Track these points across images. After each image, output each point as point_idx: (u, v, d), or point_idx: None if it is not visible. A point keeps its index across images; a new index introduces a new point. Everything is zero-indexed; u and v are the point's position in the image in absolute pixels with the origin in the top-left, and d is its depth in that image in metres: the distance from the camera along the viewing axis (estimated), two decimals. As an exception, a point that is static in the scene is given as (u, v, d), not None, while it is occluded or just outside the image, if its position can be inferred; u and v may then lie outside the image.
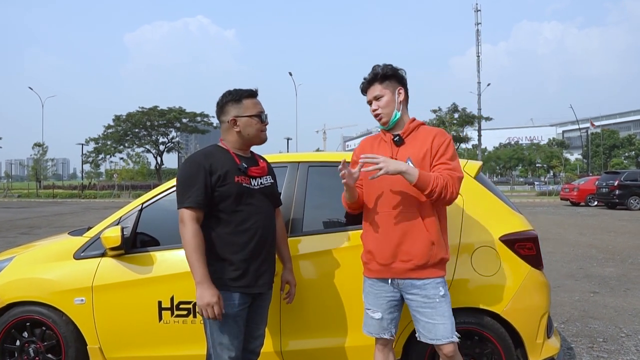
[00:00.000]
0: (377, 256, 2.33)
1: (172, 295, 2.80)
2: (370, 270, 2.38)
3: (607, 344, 4.09)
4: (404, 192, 2.27)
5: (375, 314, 2.37)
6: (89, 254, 2.96)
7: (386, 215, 2.30)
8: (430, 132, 2.34)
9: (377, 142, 2.45)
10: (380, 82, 2.38)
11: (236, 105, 2.35)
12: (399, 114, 2.37)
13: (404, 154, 2.31)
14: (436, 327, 2.24)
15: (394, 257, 2.28)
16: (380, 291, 2.36)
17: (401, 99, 2.38)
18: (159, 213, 3.01)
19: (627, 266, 7.69)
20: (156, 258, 2.87)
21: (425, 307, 2.26)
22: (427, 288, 2.26)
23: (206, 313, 2.13)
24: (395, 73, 2.39)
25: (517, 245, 2.77)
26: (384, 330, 2.37)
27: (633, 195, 20.66)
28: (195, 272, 2.15)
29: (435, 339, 2.24)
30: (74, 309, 2.90)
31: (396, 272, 2.29)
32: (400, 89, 2.38)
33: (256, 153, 2.54)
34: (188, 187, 2.22)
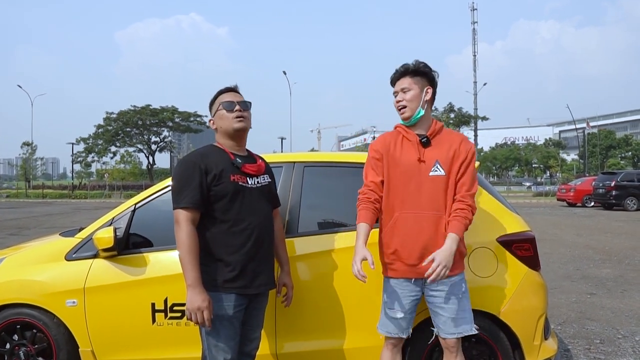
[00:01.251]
0: (403, 257, 2.34)
1: (166, 297, 2.79)
2: (395, 270, 2.39)
3: (604, 345, 4.12)
4: (432, 193, 2.32)
5: (397, 313, 2.39)
6: (81, 255, 2.94)
7: (412, 215, 2.33)
8: (456, 137, 2.42)
9: (400, 140, 2.44)
10: (411, 76, 2.39)
11: (213, 106, 2.43)
12: (423, 112, 2.39)
13: (431, 156, 2.34)
14: (458, 322, 2.32)
15: (420, 258, 2.30)
16: (405, 291, 2.38)
17: (427, 98, 2.40)
18: (152, 214, 3.00)
19: (624, 267, 7.74)
20: (149, 259, 2.87)
21: (450, 303, 2.32)
22: (452, 285, 2.32)
23: (195, 317, 2.12)
24: (427, 72, 2.41)
25: (515, 247, 2.78)
26: (403, 330, 2.40)
27: (630, 196, 20.82)
28: (187, 274, 2.15)
29: (456, 333, 2.32)
30: (66, 311, 2.89)
31: (420, 273, 2.32)
32: (429, 89, 2.40)
33: (254, 152, 2.54)
34: (183, 187, 2.22)
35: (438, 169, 2.32)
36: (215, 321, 2.20)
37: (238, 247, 2.26)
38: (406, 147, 2.39)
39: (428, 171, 2.33)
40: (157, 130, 55.12)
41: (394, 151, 2.40)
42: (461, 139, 2.42)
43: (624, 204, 20.74)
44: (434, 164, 2.33)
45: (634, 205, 20.70)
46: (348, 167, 3.05)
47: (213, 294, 2.21)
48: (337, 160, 3.11)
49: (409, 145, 2.39)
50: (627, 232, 12.52)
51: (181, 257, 2.17)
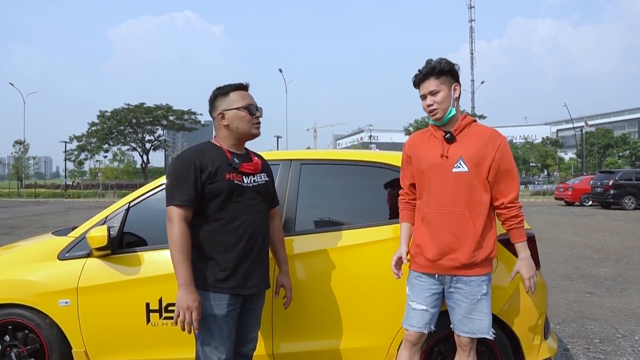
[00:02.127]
0: (425, 251, 2.35)
1: (161, 297, 2.77)
2: (417, 264, 2.40)
3: (604, 344, 4.12)
4: (455, 190, 2.31)
5: (419, 305, 2.38)
6: (74, 254, 2.92)
7: (436, 212, 2.33)
8: (484, 132, 2.38)
9: (427, 137, 2.45)
10: (437, 77, 2.36)
11: (224, 99, 2.34)
12: (454, 110, 2.37)
13: (455, 152, 2.33)
14: (473, 321, 2.32)
15: (441, 255, 2.31)
16: (425, 283, 2.39)
17: (457, 95, 2.39)
18: (147, 212, 2.98)
19: (623, 266, 7.77)
20: (144, 258, 2.84)
21: (466, 302, 2.32)
22: (471, 284, 2.32)
23: (183, 316, 2.10)
24: (451, 68, 2.39)
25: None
26: (426, 325, 2.39)
27: (627, 195, 20.90)
28: (178, 273, 2.13)
29: (470, 332, 2.33)
30: (58, 312, 2.86)
31: (442, 269, 2.33)
32: (457, 85, 2.39)
33: (251, 150, 2.52)
34: (178, 184, 2.20)
35: (461, 165, 2.30)
36: (208, 321, 2.19)
37: (231, 246, 2.24)
38: (432, 144, 2.40)
39: (451, 167, 2.31)
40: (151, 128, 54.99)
41: (421, 150, 2.43)
42: (489, 133, 2.36)
43: (622, 203, 20.81)
44: (457, 160, 2.31)
45: (632, 204, 20.78)
46: (346, 165, 3.04)
47: (205, 293, 2.19)
48: (335, 157, 3.09)
49: (435, 142, 2.40)
50: (625, 231, 12.56)
51: (173, 255, 2.15)
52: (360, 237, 2.80)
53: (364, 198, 3.02)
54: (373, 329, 2.75)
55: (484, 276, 2.34)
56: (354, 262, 2.77)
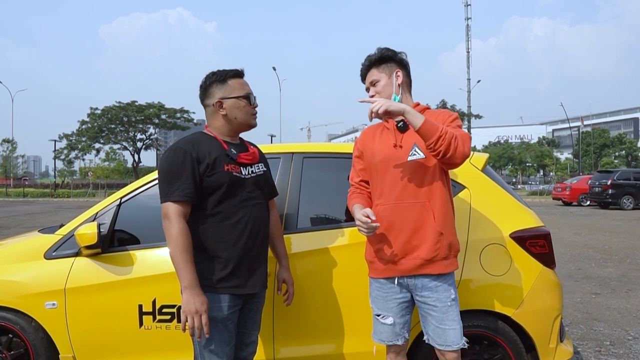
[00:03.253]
0: (382, 253, 2.20)
1: (154, 298, 2.63)
2: (376, 269, 2.25)
3: (615, 347, 4.03)
4: (412, 180, 2.16)
5: (386, 319, 2.23)
6: (62, 253, 2.77)
7: (390, 208, 2.17)
8: (437, 115, 2.22)
9: (380, 130, 2.32)
10: (377, 67, 2.30)
11: (221, 86, 2.20)
12: (398, 98, 2.24)
13: (409, 140, 2.19)
14: (446, 332, 2.14)
15: (400, 253, 2.15)
16: (389, 293, 2.23)
17: (399, 82, 2.26)
18: (139, 208, 2.84)
19: (626, 266, 7.70)
20: (136, 257, 2.71)
21: (437, 311, 2.15)
22: (438, 290, 2.15)
23: (191, 322, 1.96)
24: (392, 56, 2.29)
25: (529, 243, 2.66)
26: (397, 336, 2.24)
27: (626, 195, 20.93)
28: (182, 275, 1.99)
29: (444, 345, 2.15)
30: (45, 314, 2.71)
31: (404, 270, 2.17)
32: (398, 72, 2.27)
33: (245, 140, 2.40)
34: (174, 178, 2.05)
35: (417, 152, 2.15)
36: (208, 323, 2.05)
37: (231, 243, 2.11)
38: (384, 136, 2.27)
39: (406, 156, 2.17)
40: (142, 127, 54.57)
41: (373, 143, 2.29)
42: (439, 113, 2.22)
43: (620, 203, 20.83)
44: (412, 147, 2.16)
45: (630, 204, 20.82)
46: (350, 158, 2.90)
47: (205, 294, 2.05)
48: (339, 150, 2.96)
49: (387, 134, 2.27)
50: (625, 231, 12.53)
51: (173, 256, 2.00)
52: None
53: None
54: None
55: (449, 277, 2.18)
56: (360, 261, 2.64)
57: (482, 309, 2.60)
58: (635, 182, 21.18)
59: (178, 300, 2.51)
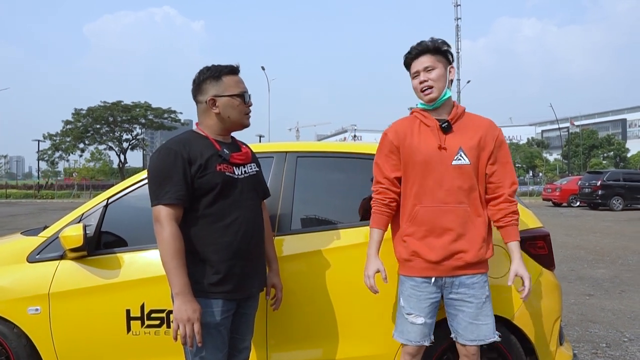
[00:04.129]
0: (425, 253, 2.19)
1: (143, 303, 2.56)
2: (413, 268, 2.23)
3: (611, 349, 4.02)
4: (454, 185, 2.15)
5: (417, 319, 2.22)
6: (46, 256, 2.69)
7: (433, 210, 2.17)
8: (481, 123, 2.26)
9: (417, 126, 2.26)
10: (432, 54, 2.24)
11: (215, 83, 2.12)
12: (450, 93, 2.24)
13: (454, 143, 2.17)
14: (480, 327, 2.18)
15: (443, 255, 2.16)
16: (424, 292, 2.22)
17: (452, 78, 2.25)
18: (127, 209, 2.77)
19: (618, 267, 7.74)
20: (124, 260, 2.63)
21: (472, 307, 2.18)
22: (475, 287, 2.19)
23: (183, 330, 1.89)
24: (447, 50, 2.27)
25: (528, 244, 2.64)
26: (425, 337, 2.24)
27: (615, 196, 21.14)
28: (173, 281, 1.91)
29: (477, 340, 2.18)
30: (28, 320, 2.62)
31: (444, 271, 2.18)
32: (452, 67, 2.27)
33: (237, 139, 2.33)
34: (165, 179, 1.98)
35: (462, 158, 2.16)
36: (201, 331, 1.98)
37: (224, 246, 2.05)
38: (425, 134, 2.22)
39: (450, 159, 2.16)
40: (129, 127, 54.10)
41: (411, 139, 2.23)
42: (487, 124, 2.26)
43: (610, 204, 21.03)
44: (457, 151, 2.16)
45: (620, 204, 21.02)
46: (346, 158, 2.86)
47: (197, 299, 1.98)
48: (334, 150, 2.91)
49: (427, 132, 2.22)
50: (616, 232, 12.63)
51: (165, 261, 1.93)
52: (363, 235, 2.62)
53: (366, 194, 2.84)
54: (377, 336, 2.57)
55: (485, 275, 2.24)
56: (355, 263, 2.58)
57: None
58: (624, 183, 21.40)
59: (168, 305, 2.44)
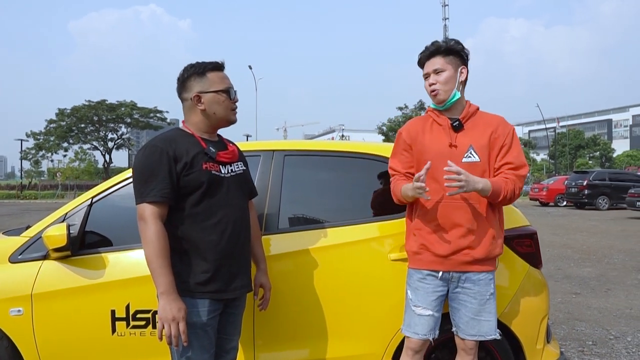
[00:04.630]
0: (433, 247, 2.23)
1: (128, 303, 2.53)
2: (421, 261, 2.27)
3: (597, 347, 4.07)
4: None
5: (425, 311, 2.25)
6: (28, 256, 2.64)
7: (444, 205, 2.21)
8: (492, 120, 2.28)
9: (429, 125, 2.31)
10: (444, 56, 2.26)
11: (200, 80, 2.11)
12: (459, 94, 2.26)
13: (464, 141, 2.21)
14: (481, 323, 2.22)
15: (452, 249, 2.20)
16: (431, 285, 2.26)
17: (462, 79, 2.27)
18: (112, 209, 2.74)
19: (604, 266, 7.84)
20: (108, 260, 2.60)
21: (474, 303, 2.22)
22: (480, 284, 2.22)
23: (168, 329, 1.87)
24: (460, 50, 2.28)
25: (515, 242, 2.66)
26: (431, 331, 2.27)
27: (601, 195, 21.40)
28: (158, 280, 1.90)
29: (477, 335, 2.22)
30: (9, 322, 2.58)
31: (452, 265, 2.22)
32: (464, 68, 2.28)
33: (224, 137, 2.32)
34: (150, 177, 1.96)
35: (472, 155, 2.21)
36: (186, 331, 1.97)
37: (211, 245, 2.03)
38: (436, 132, 2.27)
39: (461, 157, 2.20)
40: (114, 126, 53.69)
41: (423, 137, 2.29)
42: (498, 121, 2.29)
43: (596, 203, 21.29)
44: (467, 149, 2.21)
45: (606, 204, 21.30)
46: (334, 157, 2.85)
47: (183, 299, 1.97)
48: (321, 148, 2.90)
49: (439, 130, 2.27)
50: (602, 231, 12.79)
51: (149, 260, 1.91)
52: (350, 234, 2.62)
53: (354, 192, 2.85)
54: (366, 335, 2.58)
55: (492, 273, 2.26)
56: (343, 262, 2.59)
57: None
58: (610, 183, 21.68)
59: (153, 305, 2.42)
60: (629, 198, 17.27)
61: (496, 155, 2.24)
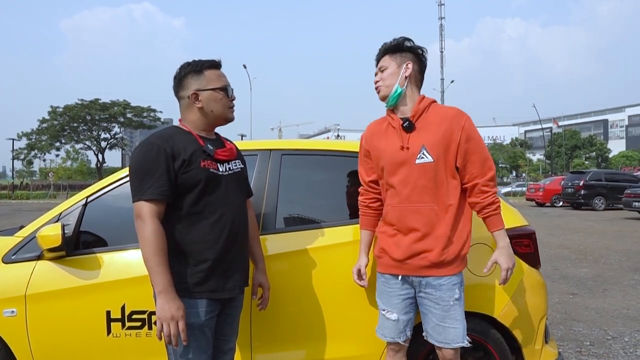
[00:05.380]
0: (390, 251, 2.21)
1: (124, 304, 2.52)
2: (382, 264, 2.27)
3: (595, 347, 4.09)
4: (419, 184, 2.15)
5: (391, 314, 2.24)
6: (22, 256, 2.63)
7: (401, 209, 2.19)
8: (447, 113, 2.20)
9: (385, 128, 2.28)
10: (391, 54, 2.27)
11: (197, 78, 2.11)
12: (401, 90, 2.21)
13: (416, 142, 2.16)
14: (446, 330, 2.16)
15: (408, 254, 2.17)
16: (393, 289, 2.24)
17: (407, 74, 2.23)
18: (107, 208, 2.73)
19: (601, 266, 7.88)
20: (103, 261, 2.59)
21: (438, 309, 2.17)
22: (442, 289, 2.16)
23: (167, 329, 1.87)
24: (409, 47, 2.26)
25: (514, 242, 2.65)
26: (400, 334, 2.26)
27: (598, 196, 21.51)
28: (156, 279, 1.89)
29: (444, 342, 2.17)
30: (3, 323, 2.57)
31: (409, 270, 2.19)
32: (409, 64, 2.24)
33: (222, 135, 2.32)
34: (147, 175, 1.95)
35: (425, 156, 2.14)
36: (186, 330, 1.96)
37: (209, 244, 2.02)
38: (390, 135, 2.24)
39: (414, 159, 2.15)
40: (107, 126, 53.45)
41: (379, 142, 2.27)
42: (452, 114, 2.19)
43: (592, 204, 21.39)
44: (420, 150, 2.15)
45: (602, 204, 21.40)
46: (331, 156, 2.86)
47: (181, 299, 1.95)
48: (319, 148, 2.91)
49: (392, 133, 2.23)
50: (598, 232, 12.85)
51: (146, 258, 1.90)
52: (348, 234, 2.63)
53: (352, 192, 2.84)
54: (363, 336, 2.58)
55: (455, 277, 2.18)
56: (341, 262, 2.59)
57: (467, 310, 2.57)
58: (606, 183, 21.80)
59: (149, 306, 2.42)
60: (625, 198, 17.37)
61: (455, 154, 2.16)
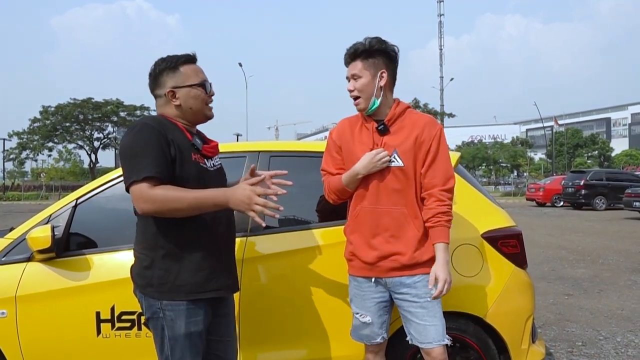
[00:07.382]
0: (360, 254, 2.26)
1: (113, 305, 2.60)
2: (354, 267, 2.32)
3: (587, 347, 4.17)
4: (390, 187, 2.21)
5: (364, 318, 2.29)
6: (12, 258, 2.70)
7: (371, 211, 2.23)
8: (419, 121, 2.26)
9: (358, 127, 2.33)
10: (363, 59, 2.22)
11: (173, 74, 2.07)
12: (378, 102, 2.23)
13: (390, 145, 2.22)
14: (427, 329, 2.20)
15: (379, 256, 2.22)
16: (367, 292, 2.29)
17: (382, 84, 2.23)
18: (97, 210, 2.80)
19: (598, 267, 7.97)
20: (93, 262, 2.66)
21: (417, 307, 2.21)
22: (417, 286, 2.21)
23: (259, 206, 1.87)
24: (382, 49, 2.23)
25: (500, 243, 2.74)
26: (375, 335, 2.30)
27: (598, 195, 21.60)
28: (212, 202, 1.91)
29: (426, 342, 2.21)
30: (-7, 324, 2.63)
31: (380, 272, 2.24)
32: (384, 72, 2.23)
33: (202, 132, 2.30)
34: (142, 153, 1.88)
35: (396, 160, 2.20)
36: (172, 337, 2.00)
37: (194, 243, 2.01)
38: (364, 135, 2.28)
39: None
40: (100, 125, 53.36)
41: (352, 140, 2.30)
42: (425, 122, 2.25)
43: (593, 203, 21.48)
44: (392, 153, 2.20)
45: (603, 204, 21.49)
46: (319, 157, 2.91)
47: (170, 303, 1.98)
48: (307, 149, 2.99)
49: (366, 133, 2.28)
50: (598, 232, 12.94)
51: (185, 205, 1.87)
52: (338, 235, 2.69)
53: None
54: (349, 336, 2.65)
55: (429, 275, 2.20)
56: (329, 263, 2.67)
57: (454, 310, 2.65)
58: (607, 183, 21.89)
59: (138, 307, 2.47)
60: (626, 198, 17.46)
61: (423, 161, 2.22)
